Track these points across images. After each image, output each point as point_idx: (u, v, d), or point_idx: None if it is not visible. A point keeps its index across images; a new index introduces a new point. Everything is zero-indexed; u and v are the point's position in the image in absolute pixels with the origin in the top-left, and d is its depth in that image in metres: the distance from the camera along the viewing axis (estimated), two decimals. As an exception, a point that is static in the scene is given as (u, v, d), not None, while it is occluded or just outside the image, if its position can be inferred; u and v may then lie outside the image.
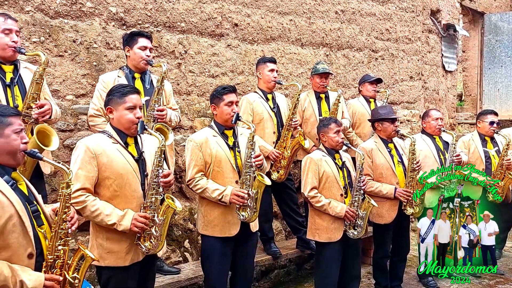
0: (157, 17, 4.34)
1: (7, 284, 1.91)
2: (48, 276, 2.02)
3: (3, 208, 1.95)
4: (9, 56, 2.90)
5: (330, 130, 3.64)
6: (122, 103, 2.61)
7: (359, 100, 5.00)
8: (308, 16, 5.59)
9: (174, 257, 4.22)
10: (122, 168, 2.57)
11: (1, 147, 2.02)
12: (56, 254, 2.07)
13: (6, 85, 2.86)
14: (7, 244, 1.96)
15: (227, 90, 3.20)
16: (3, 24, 2.87)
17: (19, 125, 2.06)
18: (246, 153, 3.15)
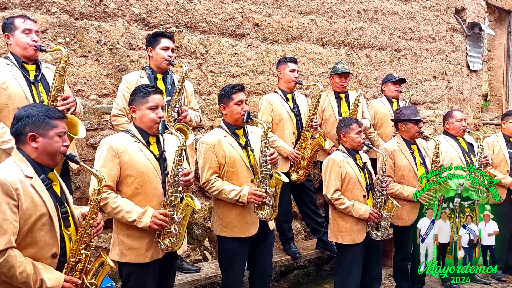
0: (179, 17, 4.38)
1: (28, 281, 1.97)
2: (67, 278, 2.06)
3: (36, 206, 2.01)
4: (30, 55, 2.98)
5: (352, 130, 3.61)
6: (145, 103, 2.65)
7: (381, 100, 4.94)
8: (329, 15, 5.55)
9: (194, 256, 4.25)
10: (143, 167, 2.61)
11: (43, 148, 2.08)
12: (78, 257, 2.10)
13: (31, 83, 2.95)
14: (34, 241, 2.02)
15: (235, 89, 3.17)
16: (23, 25, 2.95)
17: (63, 128, 2.13)
18: (261, 151, 3.14)
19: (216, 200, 3.23)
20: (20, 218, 1.98)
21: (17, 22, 2.96)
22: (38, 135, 2.08)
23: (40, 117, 2.09)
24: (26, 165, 2.07)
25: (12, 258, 1.94)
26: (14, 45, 2.97)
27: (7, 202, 1.95)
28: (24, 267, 1.96)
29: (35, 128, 2.08)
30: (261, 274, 3.34)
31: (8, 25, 2.98)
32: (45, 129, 2.09)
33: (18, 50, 2.96)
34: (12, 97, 2.86)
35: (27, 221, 2.00)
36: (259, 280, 3.35)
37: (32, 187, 2.03)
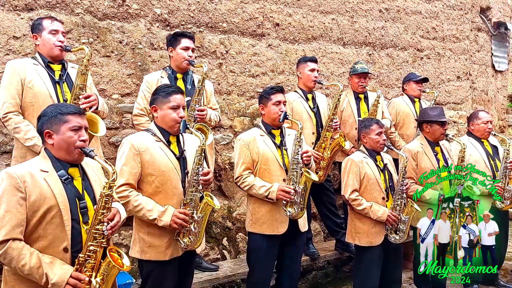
0: (200, 17, 4.42)
1: (32, 274, 1.98)
2: (75, 274, 2.03)
3: (45, 199, 2.03)
4: (56, 55, 3.05)
5: (372, 131, 3.57)
6: (166, 103, 2.69)
7: (403, 99, 4.85)
8: (350, 15, 5.50)
9: (212, 254, 4.28)
10: (164, 166, 2.65)
11: (58, 143, 2.12)
12: (88, 253, 2.07)
13: (56, 82, 3.02)
14: (45, 234, 2.04)
15: (275, 90, 3.27)
16: (50, 26, 3.04)
17: (76, 123, 2.14)
18: (293, 149, 3.17)
19: (249, 196, 3.30)
20: (28, 210, 2.00)
21: (44, 23, 3.04)
22: (52, 131, 2.13)
23: (53, 114, 2.14)
24: (46, 161, 2.12)
25: (13, 250, 1.96)
26: (41, 45, 3.05)
27: (14, 194, 1.98)
28: (27, 260, 1.96)
29: (50, 125, 2.13)
30: (288, 275, 3.36)
31: (36, 26, 3.07)
32: (58, 125, 2.12)
33: (45, 50, 3.04)
34: (37, 96, 2.94)
35: (35, 213, 2.02)
36: (286, 281, 3.36)
37: (45, 181, 2.06)
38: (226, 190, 4.51)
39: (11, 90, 2.92)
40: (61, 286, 2.00)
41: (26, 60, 3.05)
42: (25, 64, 2.99)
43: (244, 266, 3.90)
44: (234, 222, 4.49)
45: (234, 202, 4.54)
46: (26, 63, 3.01)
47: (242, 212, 4.51)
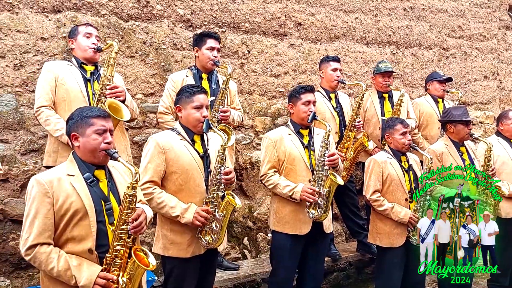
0: (222, 18, 4.44)
1: (61, 276, 2.03)
2: (102, 274, 2.06)
3: (71, 203, 2.08)
4: (90, 56, 3.19)
5: (396, 131, 3.52)
6: (190, 102, 2.73)
7: (427, 99, 4.76)
8: (374, 13, 5.44)
9: (233, 254, 4.30)
10: (187, 164, 2.69)
11: (83, 146, 2.17)
12: (115, 253, 2.10)
13: (87, 80, 3.15)
14: (73, 236, 2.09)
15: (304, 89, 3.25)
16: (85, 29, 3.21)
17: (101, 126, 2.18)
18: (320, 151, 3.15)
19: (273, 195, 3.30)
20: (56, 214, 2.06)
21: (80, 28, 3.23)
22: (78, 134, 2.18)
23: (79, 117, 2.20)
24: (72, 164, 2.18)
25: (41, 254, 2.02)
26: (76, 48, 3.21)
27: (42, 200, 2.05)
28: (55, 264, 2.02)
29: (76, 128, 2.19)
30: (312, 275, 3.34)
31: (72, 31, 3.26)
32: (83, 128, 2.17)
33: (79, 52, 3.20)
34: (69, 91, 3.08)
35: (63, 217, 2.07)
36: (309, 282, 3.34)
37: (71, 184, 2.11)
38: (247, 189, 4.52)
39: (45, 86, 3.08)
40: (89, 287, 2.04)
41: (61, 61, 3.26)
42: (59, 64, 3.18)
43: (264, 266, 3.90)
44: (255, 222, 4.50)
45: (255, 201, 4.55)
46: (60, 63, 3.20)
47: (263, 212, 4.51)
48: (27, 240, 2.03)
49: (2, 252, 3.40)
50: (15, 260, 3.44)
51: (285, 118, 4.67)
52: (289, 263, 3.22)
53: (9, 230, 3.44)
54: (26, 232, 2.04)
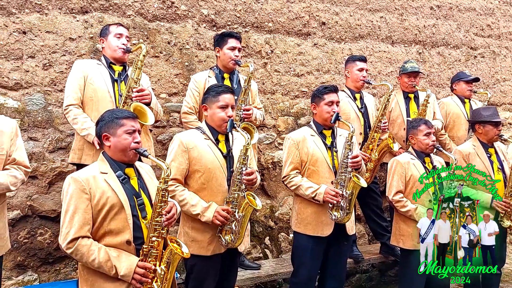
0: (246, 17, 4.45)
1: (102, 267, 2.13)
2: (141, 263, 2.17)
3: (107, 198, 2.19)
4: (119, 56, 3.24)
5: (420, 132, 3.46)
6: (216, 102, 2.75)
7: (453, 99, 4.65)
8: (400, 12, 5.36)
9: (254, 253, 4.30)
10: (210, 163, 2.71)
11: (114, 145, 2.28)
12: (151, 244, 2.20)
13: (114, 80, 3.20)
14: (110, 230, 2.19)
15: (328, 89, 3.21)
16: (116, 30, 3.25)
17: (131, 126, 2.29)
18: (343, 153, 3.12)
19: (295, 196, 3.29)
20: (93, 209, 2.17)
21: (111, 28, 3.27)
22: (110, 134, 2.28)
23: (110, 118, 2.31)
24: (104, 163, 2.29)
25: (82, 247, 2.12)
26: (106, 47, 3.26)
27: (80, 196, 2.15)
28: (96, 255, 2.12)
29: (107, 129, 2.29)
30: (333, 275, 3.32)
31: (104, 31, 3.30)
32: (114, 128, 2.28)
33: (109, 52, 3.24)
34: (96, 91, 3.14)
35: (100, 212, 2.17)
36: (330, 283, 3.32)
37: (105, 181, 2.22)
38: (268, 189, 4.52)
39: (74, 85, 3.15)
40: (129, 276, 2.14)
41: (91, 60, 3.31)
42: (89, 63, 3.24)
43: (286, 266, 3.89)
44: (276, 222, 4.50)
45: (277, 201, 4.54)
46: (90, 62, 3.26)
47: (284, 212, 4.50)
48: (68, 234, 2.13)
49: (31, 247, 3.50)
50: (42, 255, 3.54)
51: (307, 118, 4.65)
52: (311, 264, 3.21)
53: (37, 225, 3.54)
54: (67, 227, 2.14)
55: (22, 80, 3.56)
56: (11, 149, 2.53)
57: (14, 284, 3.41)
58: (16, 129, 2.60)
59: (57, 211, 3.51)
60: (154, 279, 2.18)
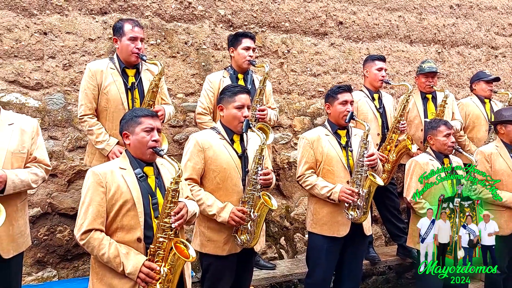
0: (262, 17, 4.45)
1: (110, 262, 2.17)
2: (147, 263, 2.18)
3: (122, 193, 2.22)
4: (132, 61, 3.20)
5: (439, 132, 3.41)
6: (232, 102, 2.76)
7: (473, 100, 4.56)
8: (419, 11, 5.29)
9: (270, 253, 4.30)
10: (225, 163, 2.72)
11: (133, 143, 2.31)
12: (158, 245, 2.21)
13: (128, 88, 3.18)
14: (122, 226, 2.23)
15: (342, 89, 3.21)
16: (131, 33, 3.15)
17: (149, 124, 2.31)
18: (359, 151, 3.10)
19: (310, 196, 3.28)
20: (107, 203, 2.21)
21: (126, 28, 3.15)
22: (129, 133, 2.33)
23: (129, 117, 2.36)
24: (125, 159, 2.34)
25: (94, 240, 2.16)
26: (120, 49, 3.19)
27: (96, 189, 2.20)
28: (106, 250, 2.15)
29: (126, 127, 2.34)
30: (348, 278, 3.29)
31: (118, 29, 3.19)
32: (133, 127, 2.31)
33: (123, 55, 3.19)
34: (111, 101, 3.13)
35: (113, 206, 2.21)
36: (345, 284, 3.30)
37: (122, 177, 2.25)
38: (284, 189, 4.52)
39: (88, 94, 3.13)
40: (134, 275, 2.16)
41: (103, 63, 3.20)
42: (102, 68, 3.15)
43: (301, 267, 3.88)
44: (292, 222, 4.49)
45: (292, 202, 4.54)
46: (104, 66, 3.17)
47: (300, 212, 4.49)
48: (82, 226, 2.18)
49: (50, 244, 3.57)
50: (61, 251, 3.60)
51: (324, 118, 4.63)
52: (326, 265, 3.19)
53: (56, 222, 3.61)
54: (81, 219, 2.19)
55: (42, 80, 3.64)
56: (32, 148, 2.57)
57: (34, 280, 3.49)
58: (37, 128, 2.64)
59: (76, 209, 3.54)
60: (159, 280, 2.18)
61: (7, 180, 2.36)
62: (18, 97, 3.56)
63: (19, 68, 3.56)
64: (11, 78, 3.54)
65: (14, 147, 2.48)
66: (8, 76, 3.53)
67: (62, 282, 3.51)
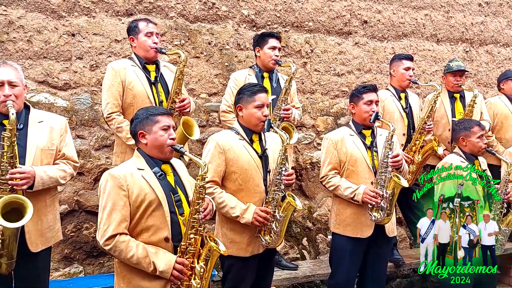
0: (286, 17, 4.45)
1: (140, 264, 2.13)
2: (179, 260, 2.17)
3: (145, 194, 2.19)
4: (151, 56, 3.23)
5: (473, 134, 3.32)
6: (252, 102, 2.72)
7: (501, 99, 4.43)
8: (446, 9, 5.19)
9: (292, 253, 4.29)
10: (247, 164, 2.70)
11: (151, 142, 2.28)
12: (189, 241, 2.21)
13: (152, 83, 3.21)
14: (147, 226, 2.20)
15: (367, 88, 3.16)
16: (146, 28, 3.20)
17: (166, 122, 2.29)
18: (383, 152, 3.05)
19: (334, 197, 3.25)
20: (131, 206, 2.17)
21: (140, 25, 3.21)
22: (145, 132, 2.28)
23: (145, 115, 2.29)
24: (140, 160, 2.29)
25: (121, 243, 2.12)
26: (138, 47, 3.23)
27: (118, 193, 2.15)
28: (134, 252, 2.12)
29: (142, 126, 2.28)
30: (372, 280, 3.25)
31: (132, 28, 3.25)
32: (150, 126, 2.27)
33: (141, 52, 3.22)
34: (136, 97, 3.15)
35: (138, 208, 2.17)
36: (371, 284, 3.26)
37: (143, 178, 2.21)
38: (307, 190, 4.49)
39: (114, 92, 3.14)
40: (168, 273, 2.14)
41: (124, 62, 3.25)
42: (124, 66, 3.19)
43: (323, 268, 3.85)
44: (314, 223, 4.47)
45: (315, 202, 4.51)
46: (125, 64, 3.21)
47: (323, 213, 4.46)
48: (107, 231, 2.13)
49: (77, 241, 3.65)
50: (88, 248, 3.68)
51: (347, 118, 4.59)
52: (350, 266, 3.15)
53: (83, 220, 3.69)
54: (105, 224, 2.14)
55: (70, 80, 3.73)
56: (61, 145, 2.63)
57: (61, 275, 3.57)
58: (66, 126, 2.71)
59: (102, 207, 3.64)
60: (192, 276, 2.19)
61: (36, 177, 2.42)
62: (47, 97, 3.66)
63: (48, 69, 3.66)
64: (40, 79, 3.64)
65: (43, 144, 2.54)
66: (38, 76, 3.64)
67: (88, 278, 3.58)
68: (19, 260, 2.42)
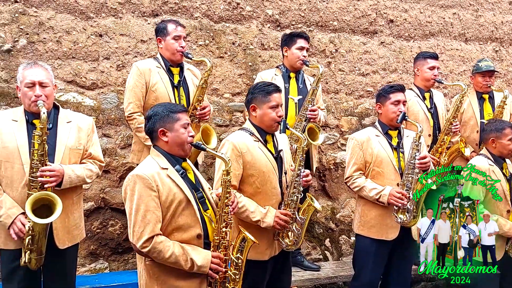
0: (310, 17, 4.42)
1: (178, 262, 2.14)
2: (214, 254, 2.20)
3: (174, 194, 2.18)
4: (177, 59, 3.27)
5: (504, 136, 3.23)
6: (267, 102, 2.67)
7: None
8: (475, 8, 5.06)
9: (314, 254, 4.27)
10: (264, 166, 2.66)
11: (172, 140, 2.26)
12: (221, 235, 2.24)
13: (174, 86, 3.24)
14: (179, 226, 2.20)
15: (394, 88, 3.11)
16: (174, 32, 3.23)
17: (186, 120, 2.29)
18: (410, 153, 3.00)
19: (359, 198, 3.21)
20: (162, 206, 2.15)
21: (169, 28, 3.24)
22: (166, 129, 2.25)
23: (165, 113, 2.26)
24: (161, 158, 2.25)
25: (159, 244, 2.11)
26: (164, 49, 3.26)
27: (149, 194, 2.13)
28: (172, 250, 2.11)
29: (163, 124, 2.25)
30: (396, 283, 3.21)
31: (161, 29, 3.27)
32: (171, 123, 2.25)
33: (168, 54, 3.25)
34: (159, 99, 3.16)
35: (169, 208, 2.16)
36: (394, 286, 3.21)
37: (168, 177, 2.20)
38: (330, 190, 4.46)
39: (137, 92, 3.18)
40: (206, 267, 2.16)
41: (150, 62, 3.28)
42: (150, 67, 3.23)
43: (346, 269, 3.83)
44: (337, 224, 4.43)
45: (338, 203, 4.47)
46: (150, 65, 3.24)
47: (346, 214, 4.42)
48: (143, 233, 2.10)
49: (102, 237, 3.73)
50: (113, 244, 3.75)
51: (372, 119, 4.53)
52: (374, 268, 3.12)
53: (108, 217, 3.76)
54: (140, 227, 2.11)
55: (98, 80, 3.80)
56: (88, 144, 2.70)
57: (87, 271, 3.66)
58: (93, 126, 2.77)
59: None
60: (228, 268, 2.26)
61: (64, 175, 2.49)
62: (75, 96, 3.74)
63: (76, 69, 3.75)
64: (69, 78, 3.73)
65: (72, 143, 2.61)
66: (67, 76, 3.72)
67: (113, 274, 3.65)
68: (47, 256, 2.50)
